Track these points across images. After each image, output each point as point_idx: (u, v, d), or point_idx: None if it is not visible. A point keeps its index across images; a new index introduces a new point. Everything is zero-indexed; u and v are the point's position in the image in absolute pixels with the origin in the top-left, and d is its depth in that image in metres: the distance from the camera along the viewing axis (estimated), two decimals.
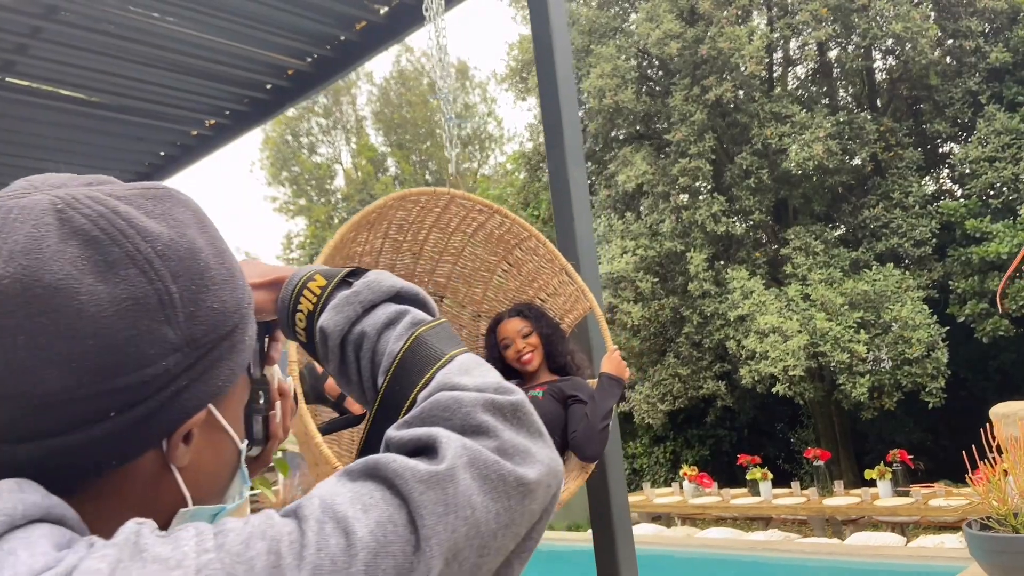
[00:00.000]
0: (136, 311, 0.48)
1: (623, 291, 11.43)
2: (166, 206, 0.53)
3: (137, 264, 0.48)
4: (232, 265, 0.56)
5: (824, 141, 10.16)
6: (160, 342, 0.49)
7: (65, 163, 5.01)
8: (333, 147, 22.41)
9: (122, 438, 0.49)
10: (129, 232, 0.49)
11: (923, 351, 9.36)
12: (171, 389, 0.50)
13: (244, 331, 0.56)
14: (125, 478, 0.51)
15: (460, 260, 3.01)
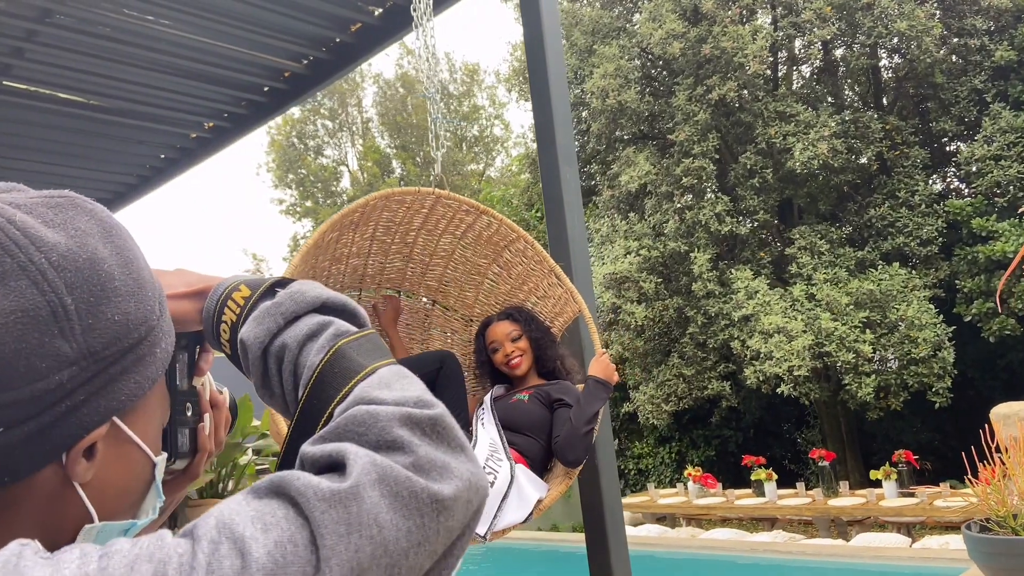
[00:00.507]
0: (26, 324, 0.46)
1: (627, 292, 11.40)
2: (68, 215, 0.52)
3: (29, 275, 0.47)
4: (141, 276, 0.54)
5: (829, 140, 10.11)
6: (52, 355, 0.47)
7: (65, 166, 5.04)
8: (339, 149, 22.48)
9: (12, 454, 0.47)
10: (23, 242, 0.48)
11: (929, 351, 9.30)
12: (67, 403, 0.48)
13: (154, 342, 0.54)
14: (23, 494, 0.49)
15: (451, 263, 3.00)
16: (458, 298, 3.07)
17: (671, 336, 11.84)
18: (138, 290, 0.53)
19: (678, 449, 12.85)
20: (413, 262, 2.92)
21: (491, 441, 2.38)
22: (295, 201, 22.04)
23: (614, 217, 12.33)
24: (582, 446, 2.39)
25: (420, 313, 3.06)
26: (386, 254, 2.83)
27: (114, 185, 5.55)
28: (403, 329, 3.04)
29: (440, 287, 3.04)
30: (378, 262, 2.84)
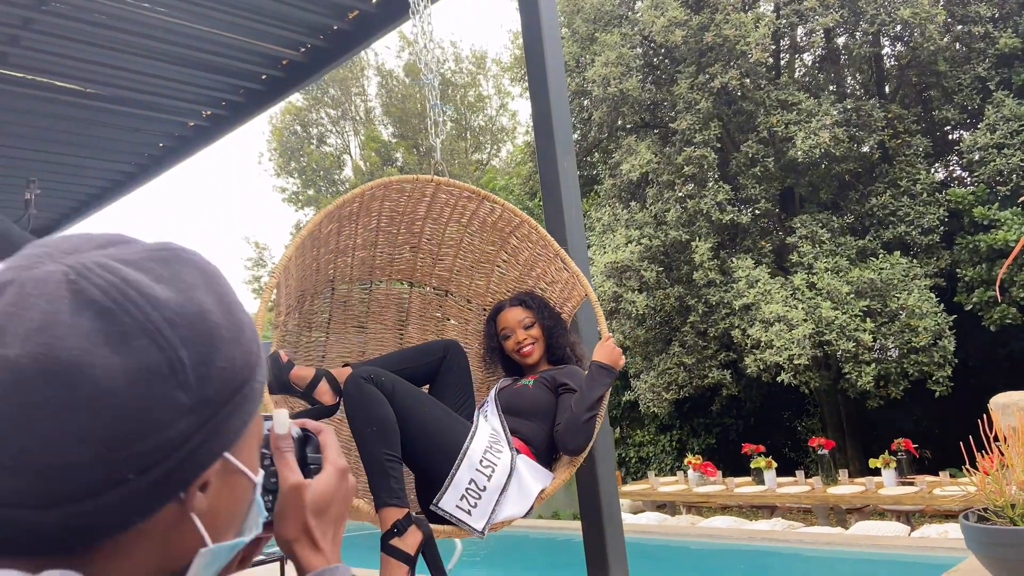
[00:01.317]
0: (149, 380, 0.50)
1: (628, 280, 11.40)
2: (174, 268, 0.55)
3: (148, 334, 0.50)
4: (240, 318, 0.57)
5: (831, 129, 10.07)
6: (173, 407, 0.51)
7: (62, 155, 5.03)
8: (342, 138, 22.43)
9: (142, 497, 0.51)
10: (140, 301, 0.51)
11: (930, 340, 9.30)
12: (186, 448, 0.52)
13: (254, 380, 0.58)
14: (147, 527, 0.53)
15: (460, 252, 2.98)
16: (470, 287, 3.05)
17: (672, 325, 11.84)
18: (240, 334, 0.56)
19: (679, 437, 12.88)
20: (422, 252, 2.90)
21: (492, 431, 2.34)
22: (297, 189, 22.01)
23: (615, 206, 12.31)
24: (584, 433, 2.34)
25: (434, 303, 3.04)
26: (394, 245, 2.81)
27: (112, 174, 5.54)
28: (417, 321, 3.03)
29: (451, 276, 3.02)
30: (387, 253, 2.82)
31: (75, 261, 0.52)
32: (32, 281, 0.51)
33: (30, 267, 0.52)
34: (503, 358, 2.82)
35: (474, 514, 2.15)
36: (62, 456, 0.48)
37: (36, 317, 0.49)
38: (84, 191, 5.85)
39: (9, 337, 0.49)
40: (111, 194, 5.86)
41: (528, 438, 2.45)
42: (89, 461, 0.49)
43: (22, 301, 0.50)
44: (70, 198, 5.98)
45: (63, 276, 0.51)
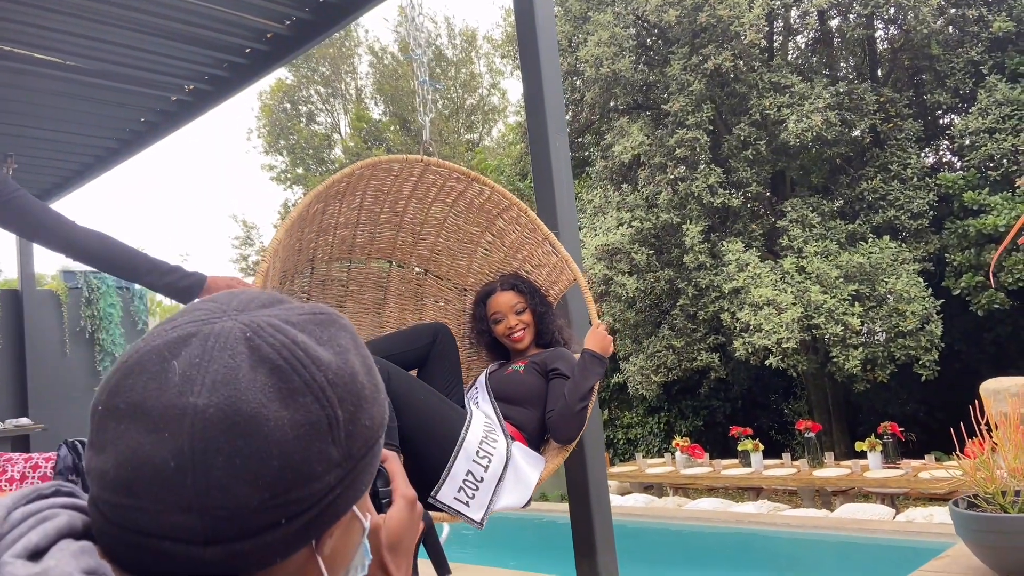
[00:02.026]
0: (311, 434, 0.55)
1: (618, 263, 11.36)
2: (331, 332, 0.60)
3: (313, 392, 0.55)
4: (377, 382, 0.63)
5: (823, 112, 10.02)
6: (326, 460, 0.56)
7: (43, 129, 4.92)
8: (332, 116, 22.21)
9: (288, 541, 0.56)
10: (307, 362, 0.56)
11: (917, 324, 9.32)
12: (329, 498, 0.57)
13: (383, 438, 0.64)
14: (280, 569, 0.57)
15: (443, 232, 2.92)
16: (451, 267, 3.00)
17: (662, 308, 11.83)
18: (378, 395, 0.62)
19: (667, 419, 12.92)
20: (403, 231, 2.85)
21: (486, 420, 2.31)
22: (286, 168, 21.80)
23: (607, 188, 12.24)
24: (576, 423, 2.33)
25: (413, 283, 3.00)
26: (375, 223, 2.75)
27: (94, 149, 5.44)
28: (395, 300, 2.98)
29: (432, 256, 2.97)
30: (367, 231, 2.76)
31: (249, 320, 0.57)
32: (214, 335, 0.55)
33: (209, 321, 0.57)
34: (490, 342, 2.78)
35: (472, 505, 2.14)
36: (234, 499, 0.52)
37: (221, 370, 0.54)
38: (66, 167, 5.73)
39: (196, 387, 0.53)
40: (93, 170, 5.76)
41: (520, 424, 2.43)
42: (255, 505, 0.53)
43: (207, 354, 0.54)
44: (52, 174, 5.86)
45: (241, 333, 0.56)
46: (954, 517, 3.72)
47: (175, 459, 0.52)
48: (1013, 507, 3.53)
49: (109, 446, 0.54)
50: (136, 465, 0.52)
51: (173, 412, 0.52)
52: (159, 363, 0.54)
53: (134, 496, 0.53)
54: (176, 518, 0.52)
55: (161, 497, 0.52)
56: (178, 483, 0.52)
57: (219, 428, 0.52)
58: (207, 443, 0.52)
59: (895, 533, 5.48)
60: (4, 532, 0.54)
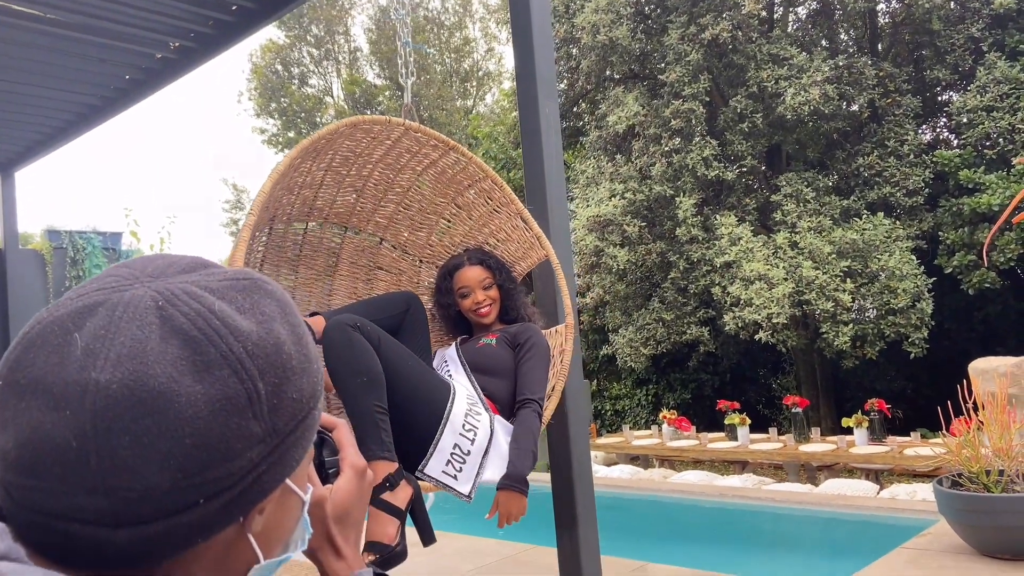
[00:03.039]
0: (228, 410, 0.51)
1: (610, 235, 11.30)
2: (254, 299, 0.56)
3: (230, 365, 0.52)
4: (310, 351, 0.59)
5: (821, 85, 9.92)
6: (246, 436, 0.52)
7: (22, 83, 4.80)
8: (324, 79, 21.90)
9: (208, 521, 0.53)
10: (223, 332, 0.52)
11: (908, 301, 9.33)
12: (253, 475, 0.54)
13: (316, 409, 0.60)
14: (206, 547, 0.55)
15: (405, 200, 2.84)
16: (409, 238, 2.92)
17: (653, 280, 11.80)
18: (308, 365, 0.58)
19: (655, 392, 12.96)
20: (364, 197, 2.75)
21: (468, 392, 2.30)
22: (277, 131, 21.54)
23: (600, 159, 12.14)
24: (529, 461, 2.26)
25: (367, 252, 2.91)
26: (339, 186, 2.66)
27: (77, 106, 5.31)
28: (347, 268, 2.90)
29: (390, 224, 2.88)
30: (329, 194, 2.67)
31: (162, 287, 0.54)
32: (123, 304, 0.52)
33: (119, 288, 0.53)
34: (453, 316, 2.73)
35: (460, 479, 2.14)
36: (143, 480, 0.49)
37: (127, 342, 0.50)
38: (48, 124, 5.61)
39: (100, 361, 0.50)
40: (76, 128, 5.63)
41: (496, 396, 2.41)
42: (167, 486, 0.50)
43: (112, 325, 0.51)
44: (33, 131, 5.74)
45: (152, 302, 0.52)
46: (937, 495, 3.74)
47: (77, 439, 0.49)
48: (996, 487, 3.54)
49: (10, 424, 0.51)
50: (38, 445, 0.49)
51: (74, 389, 0.49)
52: (62, 335, 0.51)
53: (38, 477, 0.50)
54: (83, 500, 0.49)
55: (65, 478, 0.49)
56: (82, 464, 0.49)
57: (124, 405, 0.49)
58: (111, 422, 0.49)
59: (878, 509, 5.51)
60: None
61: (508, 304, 2.64)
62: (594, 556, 3.00)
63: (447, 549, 4.43)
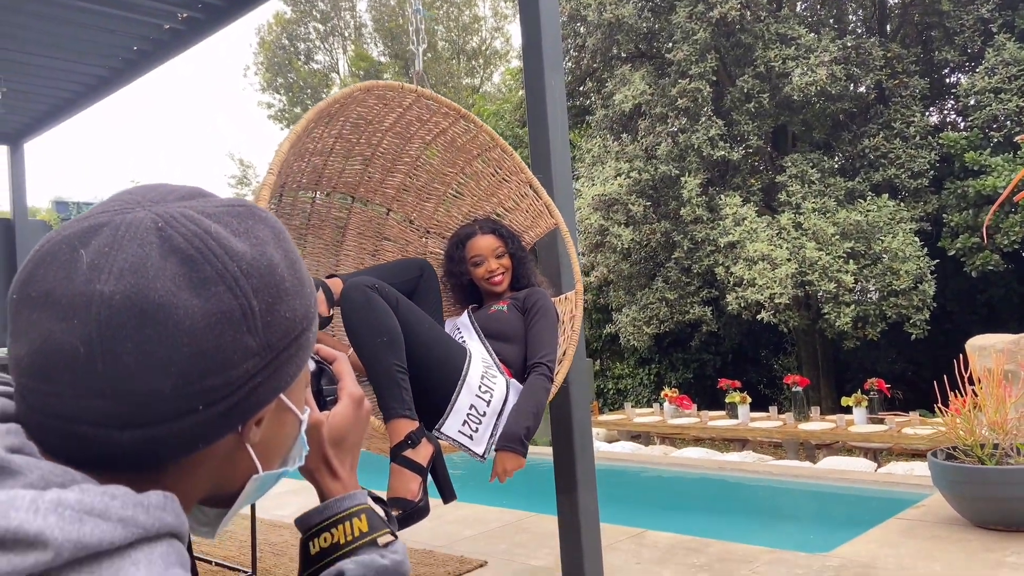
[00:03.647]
0: (223, 323, 0.55)
1: (615, 214, 11.31)
2: (248, 224, 0.60)
3: (225, 282, 0.55)
4: (302, 275, 0.63)
5: (829, 66, 9.88)
6: (242, 349, 0.56)
7: (34, 54, 4.83)
8: (330, 55, 21.83)
9: (207, 427, 0.57)
10: (219, 252, 0.56)
11: (910, 283, 9.35)
12: (249, 386, 0.58)
13: (309, 331, 0.64)
14: (208, 454, 0.59)
15: (414, 170, 2.86)
16: (416, 207, 2.95)
17: (657, 260, 11.83)
18: (301, 288, 0.62)
19: (657, 371, 13.03)
20: (373, 166, 2.78)
21: (483, 357, 2.35)
22: (283, 107, 21.51)
23: (606, 138, 12.12)
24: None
25: (374, 222, 2.94)
26: (348, 155, 2.69)
27: (85, 77, 5.34)
28: (354, 238, 2.94)
29: (397, 195, 2.91)
30: (338, 163, 2.70)
31: (162, 210, 0.57)
32: (125, 225, 0.55)
33: (122, 211, 0.57)
34: (465, 284, 2.77)
35: (475, 439, 2.19)
36: (145, 385, 0.53)
37: (129, 258, 0.54)
38: (56, 95, 5.64)
39: (104, 275, 0.53)
40: (84, 99, 5.66)
41: (509, 361, 2.46)
42: (168, 391, 0.54)
43: (116, 243, 0.54)
44: (41, 101, 5.77)
45: (152, 223, 0.56)
46: (932, 468, 3.80)
47: (84, 346, 0.52)
48: (990, 459, 3.60)
49: (23, 334, 0.55)
50: (49, 352, 0.53)
51: (81, 300, 0.53)
52: (69, 252, 0.55)
53: (49, 382, 0.54)
54: (91, 402, 0.53)
55: (75, 383, 0.53)
56: (90, 369, 0.52)
57: (126, 315, 0.52)
58: (114, 330, 0.52)
59: (875, 484, 5.57)
60: None
61: (519, 272, 2.68)
62: (593, 520, 3.07)
63: (450, 516, 4.51)
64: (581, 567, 3.03)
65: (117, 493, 0.52)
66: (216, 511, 0.68)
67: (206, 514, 0.68)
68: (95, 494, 0.51)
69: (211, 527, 0.69)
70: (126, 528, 0.50)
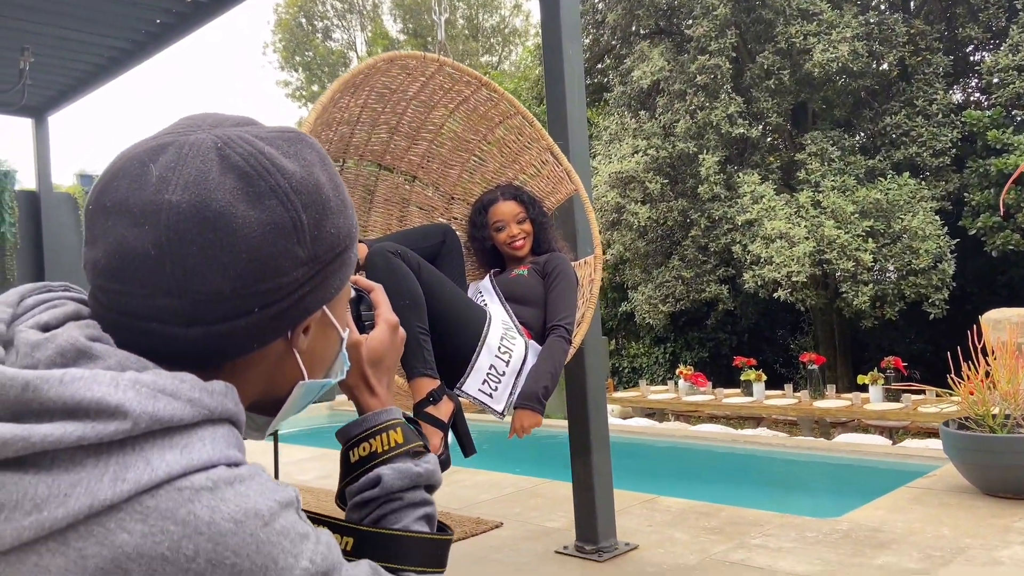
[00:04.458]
0: (276, 233, 0.60)
1: (632, 192, 11.30)
2: (297, 147, 0.65)
3: (278, 196, 0.61)
4: (345, 198, 0.69)
5: (851, 42, 9.78)
6: (292, 258, 0.62)
7: (59, 26, 4.90)
8: (348, 33, 21.82)
9: (261, 329, 0.63)
10: (272, 170, 0.62)
11: (930, 262, 9.29)
12: (298, 294, 0.64)
13: (351, 250, 0.70)
14: (261, 357, 0.66)
15: (438, 138, 2.92)
16: (440, 174, 3.01)
17: (673, 238, 11.81)
18: (344, 209, 0.68)
19: (672, 350, 13.04)
20: (398, 134, 2.84)
21: (503, 320, 2.42)
22: (301, 85, 21.56)
23: (624, 115, 12.08)
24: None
25: (400, 189, 3.01)
26: (374, 124, 2.75)
27: (108, 50, 5.41)
28: (381, 205, 3.00)
29: (423, 163, 2.97)
30: (365, 132, 2.76)
31: (221, 132, 0.63)
32: (188, 144, 0.61)
33: (185, 133, 0.63)
34: (488, 250, 2.83)
35: (495, 397, 2.28)
36: (208, 285, 0.59)
37: (192, 173, 0.59)
38: (80, 67, 5.72)
39: (171, 186, 0.59)
40: (108, 72, 5.74)
41: (529, 323, 2.52)
42: (228, 292, 0.59)
43: (181, 159, 0.60)
44: (65, 74, 5.85)
45: (212, 143, 0.61)
46: (944, 437, 3.83)
47: (155, 248, 0.58)
48: (1002, 429, 3.63)
49: (100, 239, 0.61)
50: (123, 255, 0.59)
51: (151, 208, 0.58)
52: (139, 167, 0.60)
53: (123, 282, 0.59)
54: (160, 301, 0.59)
55: (146, 282, 0.59)
56: (159, 269, 0.58)
57: (191, 222, 0.58)
58: (181, 234, 0.58)
59: (888, 456, 5.60)
60: (19, 314, 0.63)
61: (540, 237, 2.74)
62: (606, 481, 3.14)
63: (467, 482, 4.60)
64: (594, 526, 3.11)
65: (186, 378, 0.58)
66: (264, 418, 0.73)
67: (255, 420, 0.73)
68: (167, 377, 0.57)
69: (260, 431, 0.75)
70: (194, 408, 0.56)
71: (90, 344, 0.58)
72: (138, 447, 0.53)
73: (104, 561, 0.50)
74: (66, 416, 0.52)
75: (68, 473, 0.51)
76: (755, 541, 3.24)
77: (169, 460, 0.53)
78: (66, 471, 0.51)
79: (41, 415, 0.52)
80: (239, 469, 0.56)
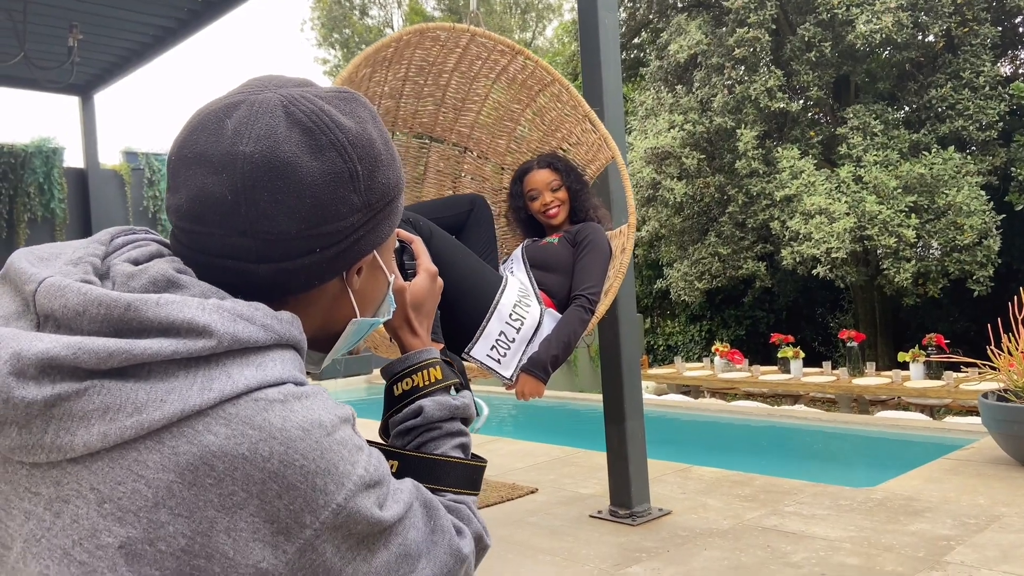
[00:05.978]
0: (336, 182, 0.68)
1: (668, 167, 11.21)
2: (352, 106, 0.73)
3: (336, 149, 0.69)
4: (394, 152, 0.76)
5: (895, 12, 9.53)
6: (349, 204, 0.70)
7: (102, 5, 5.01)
8: (385, 10, 21.85)
9: (321, 268, 0.71)
10: (332, 126, 0.69)
11: (975, 238, 9.09)
12: (354, 237, 0.72)
13: (399, 200, 0.78)
14: (319, 294, 0.74)
15: (484, 109, 2.96)
16: (489, 145, 3.05)
17: (710, 215, 11.71)
18: (393, 162, 0.76)
19: (708, 328, 12.98)
20: (445, 106, 2.89)
21: (521, 285, 2.44)
22: (338, 62, 21.67)
23: (660, 90, 11.95)
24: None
25: (452, 160, 3.06)
26: (419, 96, 2.80)
27: (152, 28, 5.52)
28: (434, 176, 3.06)
29: (471, 133, 3.02)
30: (411, 104, 2.82)
31: (286, 92, 0.71)
32: (258, 103, 0.69)
33: (254, 92, 0.71)
34: (526, 219, 2.86)
35: (503, 363, 2.32)
36: (277, 226, 0.67)
37: (263, 127, 0.67)
38: (124, 45, 5.84)
39: (245, 139, 0.67)
40: (151, 50, 5.86)
41: (552, 291, 2.54)
42: (294, 233, 0.67)
43: (252, 115, 0.68)
44: (110, 52, 5.99)
45: (279, 102, 0.69)
46: (982, 408, 3.80)
47: (232, 193, 0.66)
48: None
49: (182, 187, 0.69)
50: (203, 199, 0.67)
51: (228, 158, 0.67)
52: (216, 122, 0.69)
53: (202, 224, 0.68)
54: (235, 240, 0.67)
55: (223, 224, 0.67)
56: (235, 212, 0.66)
57: (263, 170, 0.66)
58: (255, 181, 0.66)
59: (928, 430, 5.55)
60: (110, 251, 0.71)
61: (577, 205, 2.75)
62: (640, 447, 3.18)
63: (503, 451, 4.67)
64: (628, 491, 3.15)
65: (259, 307, 0.65)
66: (319, 354, 0.81)
67: (312, 356, 0.80)
68: (244, 305, 0.64)
69: (316, 366, 0.83)
70: (266, 332, 0.64)
71: (178, 275, 0.66)
72: (221, 363, 0.60)
73: (193, 458, 0.57)
74: (161, 333, 0.59)
75: (163, 382, 0.58)
76: (788, 508, 3.26)
77: (247, 375, 0.60)
78: (161, 380, 0.58)
79: (140, 332, 0.60)
80: (305, 387, 0.64)
